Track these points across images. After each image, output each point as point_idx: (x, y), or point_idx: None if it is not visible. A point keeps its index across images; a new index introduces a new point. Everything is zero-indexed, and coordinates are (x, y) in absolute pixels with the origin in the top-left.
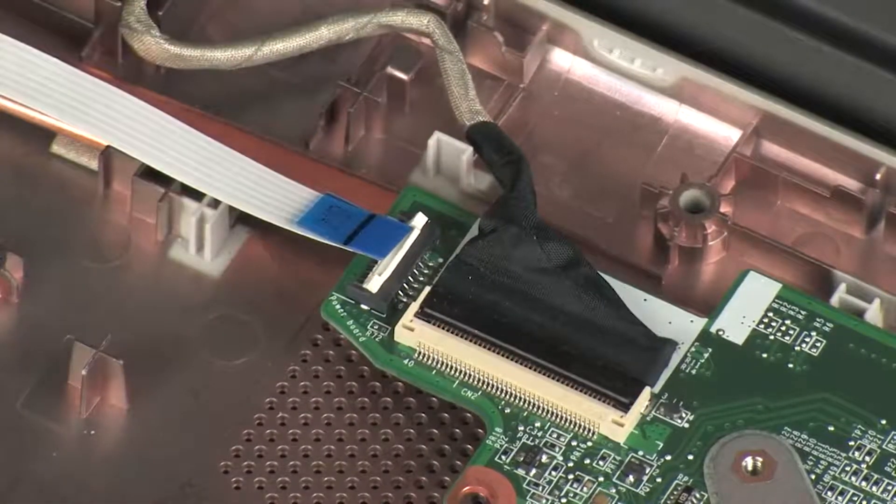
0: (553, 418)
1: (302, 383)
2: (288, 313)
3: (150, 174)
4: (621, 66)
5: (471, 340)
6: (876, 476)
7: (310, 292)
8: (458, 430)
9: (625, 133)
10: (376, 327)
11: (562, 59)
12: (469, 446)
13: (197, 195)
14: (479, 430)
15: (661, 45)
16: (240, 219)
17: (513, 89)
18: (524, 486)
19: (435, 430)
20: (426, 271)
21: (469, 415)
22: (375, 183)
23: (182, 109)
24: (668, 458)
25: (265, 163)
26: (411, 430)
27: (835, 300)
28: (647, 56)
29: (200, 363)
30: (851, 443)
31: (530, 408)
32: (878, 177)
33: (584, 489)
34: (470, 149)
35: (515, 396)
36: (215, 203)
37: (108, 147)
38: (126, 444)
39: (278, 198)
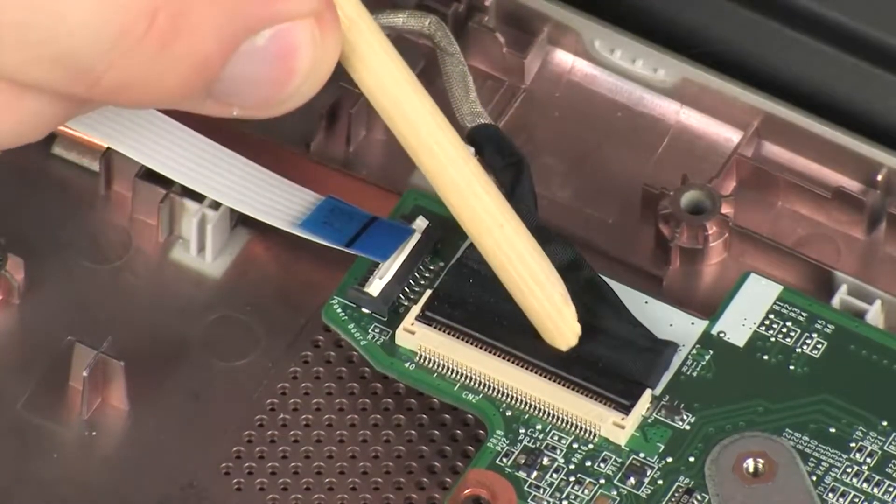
0: (554, 421)
1: (303, 384)
2: (289, 314)
3: (151, 175)
4: (622, 67)
5: (472, 343)
6: (877, 477)
7: (311, 293)
8: (459, 432)
9: (626, 134)
10: (377, 330)
11: (563, 60)
12: (470, 448)
13: (198, 196)
14: (481, 432)
15: (663, 46)
16: (241, 220)
17: (514, 90)
18: (525, 488)
19: (436, 432)
20: (427, 274)
21: (470, 416)
22: (377, 185)
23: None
24: (670, 460)
25: (266, 165)
26: (412, 432)
27: (836, 301)
28: (648, 57)
29: (201, 364)
30: (852, 444)
31: (531, 410)
32: (878, 178)
33: (586, 491)
34: (471, 150)
35: (516, 399)
36: (216, 204)
37: (108, 148)
38: (127, 446)
39: (280, 201)
